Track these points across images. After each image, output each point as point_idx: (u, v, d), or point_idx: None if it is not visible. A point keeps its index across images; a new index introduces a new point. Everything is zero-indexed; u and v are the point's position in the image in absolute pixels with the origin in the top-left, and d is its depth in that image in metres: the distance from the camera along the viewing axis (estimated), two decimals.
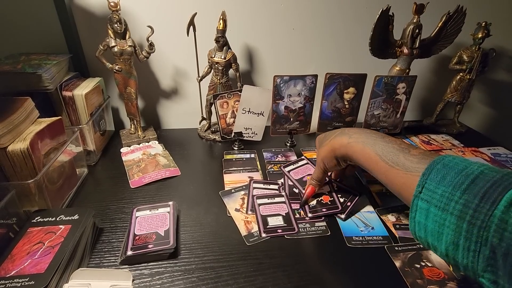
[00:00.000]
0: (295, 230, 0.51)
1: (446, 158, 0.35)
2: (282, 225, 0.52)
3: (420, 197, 0.34)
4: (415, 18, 0.72)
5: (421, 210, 0.34)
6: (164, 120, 0.91)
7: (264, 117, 0.73)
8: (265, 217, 0.53)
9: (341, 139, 0.49)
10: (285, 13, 0.80)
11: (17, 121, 0.48)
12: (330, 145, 0.50)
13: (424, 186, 0.34)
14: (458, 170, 0.32)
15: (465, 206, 0.29)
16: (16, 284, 0.36)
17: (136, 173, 0.65)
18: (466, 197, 0.30)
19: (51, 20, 0.70)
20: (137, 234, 0.47)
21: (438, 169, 0.34)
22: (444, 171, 0.33)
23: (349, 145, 0.47)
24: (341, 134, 0.50)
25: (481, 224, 0.28)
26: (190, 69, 0.82)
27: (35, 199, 0.48)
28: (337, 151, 0.49)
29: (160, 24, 0.72)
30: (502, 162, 0.73)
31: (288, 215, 0.54)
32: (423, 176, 0.34)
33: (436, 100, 0.89)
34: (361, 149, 0.45)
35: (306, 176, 0.62)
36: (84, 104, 0.66)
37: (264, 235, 0.50)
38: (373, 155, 0.43)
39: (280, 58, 0.86)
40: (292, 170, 0.64)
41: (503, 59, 0.94)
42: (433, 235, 0.33)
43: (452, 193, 0.31)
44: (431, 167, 0.34)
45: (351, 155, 0.47)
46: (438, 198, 0.32)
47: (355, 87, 0.73)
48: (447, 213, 0.31)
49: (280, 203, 0.57)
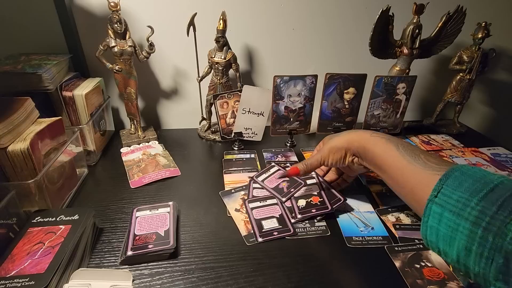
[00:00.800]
0: (290, 232, 0.51)
1: (465, 167, 0.34)
2: (277, 228, 0.51)
3: (435, 201, 0.33)
4: (415, 18, 0.72)
5: (434, 214, 0.33)
6: (164, 120, 0.91)
7: (264, 117, 0.73)
8: (259, 221, 0.52)
9: (363, 133, 0.49)
10: (285, 13, 0.80)
11: (17, 121, 0.48)
12: (348, 136, 0.50)
13: (440, 191, 0.33)
14: (476, 178, 0.32)
15: (481, 212, 0.29)
16: (16, 284, 0.36)
17: (136, 173, 0.65)
18: (483, 204, 0.29)
19: (51, 20, 0.70)
20: (137, 234, 0.47)
21: (456, 176, 0.33)
22: (462, 178, 0.33)
23: (371, 137, 0.47)
24: (362, 131, 0.50)
25: (497, 231, 0.27)
26: (190, 69, 0.82)
27: (35, 199, 0.48)
28: (354, 143, 0.49)
29: (160, 24, 0.72)
30: (502, 162, 0.73)
31: (282, 216, 0.54)
32: (440, 181, 0.34)
33: (436, 100, 0.89)
34: (383, 143, 0.45)
35: (281, 183, 0.60)
36: (84, 104, 0.66)
37: (260, 240, 0.49)
38: (394, 150, 0.43)
39: (280, 58, 0.86)
40: (266, 179, 0.62)
41: (503, 59, 0.94)
42: (445, 240, 0.32)
43: (469, 199, 0.30)
44: (449, 173, 0.34)
45: (371, 147, 0.46)
46: (453, 203, 0.31)
47: (355, 87, 0.73)
48: (462, 218, 0.30)
49: (273, 205, 0.56)
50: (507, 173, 0.68)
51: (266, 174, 0.63)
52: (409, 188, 0.40)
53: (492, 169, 0.70)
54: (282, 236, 0.50)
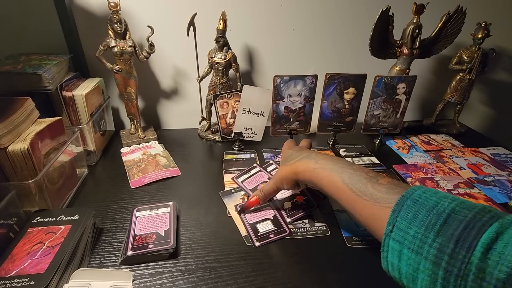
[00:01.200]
0: (286, 232, 0.51)
1: (416, 192, 0.33)
2: (273, 229, 0.51)
3: (391, 236, 0.32)
4: (415, 18, 0.72)
5: (393, 251, 0.32)
6: (164, 120, 0.91)
7: (264, 117, 0.73)
8: (254, 225, 0.52)
9: (307, 163, 0.46)
10: (285, 13, 0.80)
11: (17, 121, 0.48)
12: (294, 167, 0.48)
13: (395, 225, 0.32)
14: (429, 208, 0.31)
15: (439, 251, 0.28)
16: (16, 284, 0.36)
17: (136, 173, 0.65)
18: (440, 240, 0.28)
19: (51, 20, 0.70)
20: (137, 234, 0.47)
21: (409, 205, 0.32)
22: (415, 208, 0.32)
23: (315, 171, 0.45)
24: (307, 158, 0.47)
25: (458, 273, 0.27)
26: (190, 69, 0.82)
27: (35, 199, 0.48)
28: (300, 175, 0.47)
29: (160, 24, 0.72)
30: (502, 162, 0.74)
31: (276, 218, 0.53)
32: (393, 213, 0.33)
33: (436, 100, 0.89)
34: (327, 176, 0.43)
35: (260, 184, 0.60)
36: (84, 104, 0.66)
37: (258, 244, 0.49)
38: (339, 183, 0.41)
39: (280, 58, 0.86)
40: (246, 180, 0.62)
41: (503, 59, 0.94)
42: (407, 278, 0.31)
43: (425, 235, 0.29)
44: (401, 202, 0.33)
45: (316, 181, 0.45)
46: (410, 240, 0.30)
47: (355, 87, 0.73)
48: (421, 257, 0.29)
49: (265, 207, 0.55)
50: (507, 173, 0.69)
51: (247, 175, 0.63)
52: (363, 221, 0.39)
53: (492, 169, 0.70)
54: (279, 238, 0.50)
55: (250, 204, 0.53)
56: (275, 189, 0.52)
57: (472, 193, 0.62)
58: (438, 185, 0.64)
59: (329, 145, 0.79)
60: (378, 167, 0.70)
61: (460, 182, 0.65)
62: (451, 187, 0.64)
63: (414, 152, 0.78)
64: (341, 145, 0.79)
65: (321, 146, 0.79)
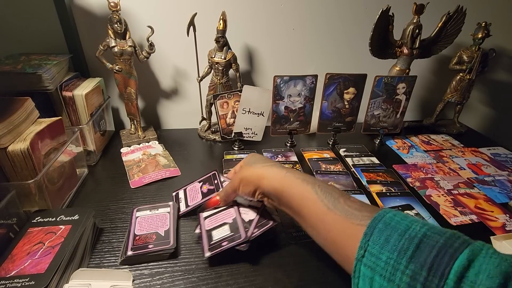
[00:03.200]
0: (241, 238, 0.44)
1: (387, 215, 0.32)
2: (227, 236, 0.45)
3: (363, 261, 0.31)
4: (415, 18, 0.72)
5: (364, 277, 0.31)
6: (164, 120, 0.91)
7: (264, 117, 0.73)
8: (209, 232, 0.47)
9: (277, 170, 0.43)
10: (285, 13, 0.80)
11: (17, 121, 0.48)
12: (260, 171, 0.43)
13: (367, 250, 0.31)
14: (401, 232, 0.30)
15: (412, 278, 0.27)
16: (16, 284, 0.36)
17: (136, 173, 0.65)
18: (413, 267, 0.28)
19: (51, 20, 0.70)
20: (137, 234, 0.47)
21: (381, 229, 0.31)
22: (387, 232, 0.31)
23: (286, 177, 0.41)
24: (278, 166, 0.44)
25: None
26: (190, 69, 0.82)
27: (35, 199, 0.48)
28: (264, 181, 0.42)
29: (160, 24, 0.72)
30: (502, 162, 0.74)
31: (235, 221, 0.47)
32: (365, 237, 0.31)
33: (436, 100, 0.89)
34: (299, 184, 0.40)
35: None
36: (84, 104, 0.66)
37: (207, 255, 0.43)
38: (311, 193, 0.38)
39: (280, 58, 0.86)
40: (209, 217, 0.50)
41: (503, 59, 0.94)
42: None
43: (398, 261, 0.29)
44: (373, 225, 0.32)
45: (284, 189, 0.40)
46: (382, 266, 0.29)
47: (355, 87, 0.73)
48: (394, 285, 0.28)
49: (228, 208, 0.50)
50: (507, 173, 0.69)
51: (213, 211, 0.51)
52: (331, 239, 0.36)
53: (492, 169, 0.70)
54: (232, 245, 0.44)
55: (210, 203, 0.50)
56: (234, 191, 0.47)
57: (472, 193, 0.62)
58: (438, 185, 0.64)
59: (329, 145, 0.80)
60: (378, 167, 0.70)
61: (460, 182, 0.65)
62: (451, 187, 0.64)
63: (414, 152, 0.78)
64: (341, 145, 0.79)
65: (321, 146, 0.79)
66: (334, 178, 0.65)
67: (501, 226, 0.54)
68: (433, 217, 0.55)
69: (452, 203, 0.59)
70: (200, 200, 0.54)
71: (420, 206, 0.58)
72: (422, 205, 0.58)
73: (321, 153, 0.75)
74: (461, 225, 0.54)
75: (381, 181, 0.64)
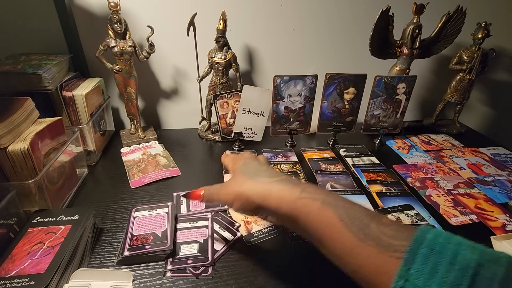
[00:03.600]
0: (207, 261, 0.44)
1: (428, 236, 0.26)
2: (194, 255, 0.45)
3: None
4: (415, 18, 0.72)
5: None
6: (164, 120, 0.91)
7: (264, 117, 0.73)
8: (178, 245, 0.47)
9: (289, 189, 0.34)
10: (285, 13, 0.80)
11: (17, 121, 0.48)
12: (266, 189, 0.36)
13: (409, 280, 0.24)
14: (450, 259, 0.24)
15: None
16: (16, 284, 0.36)
17: (136, 173, 0.65)
18: None
19: (51, 20, 0.70)
20: (135, 235, 0.47)
21: (425, 255, 0.25)
22: (433, 259, 0.24)
23: (301, 201, 0.33)
24: (288, 182, 0.36)
25: None
26: (190, 69, 0.82)
27: (35, 199, 0.48)
28: (272, 202, 0.35)
29: (161, 24, 0.72)
30: (502, 162, 0.74)
31: (206, 242, 0.47)
32: (405, 264, 0.25)
33: (436, 100, 0.89)
34: (318, 210, 0.32)
35: None
36: (84, 104, 0.66)
37: (169, 267, 0.43)
38: (335, 220, 0.30)
39: (280, 58, 0.86)
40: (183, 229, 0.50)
41: (503, 59, 0.94)
42: None
43: None
44: (414, 249, 0.25)
45: (300, 215, 0.33)
46: None
47: (355, 87, 0.73)
48: None
49: (202, 227, 0.50)
50: (507, 173, 0.69)
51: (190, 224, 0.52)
52: (363, 274, 0.29)
53: (492, 169, 0.70)
54: (196, 266, 0.44)
55: (192, 196, 0.43)
56: (222, 203, 0.41)
57: (472, 193, 0.62)
58: (438, 185, 0.64)
59: (329, 145, 0.79)
60: (378, 167, 0.70)
61: (460, 182, 0.65)
62: (451, 187, 0.64)
63: (414, 152, 0.78)
64: (341, 145, 0.79)
65: (321, 146, 0.79)
66: (334, 178, 0.65)
67: (501, 226, 0.54)
68: (433, 217, 0.55)
69: (452, 203, 0.59)
70: (203, 209, 0.55)
71: (420, 206, 0.58)
72: (422, 205, 0.58)
73: (321, 153, 0.75)
74: (461, 225, 0.54)
75: (381, 181, 0.64)
